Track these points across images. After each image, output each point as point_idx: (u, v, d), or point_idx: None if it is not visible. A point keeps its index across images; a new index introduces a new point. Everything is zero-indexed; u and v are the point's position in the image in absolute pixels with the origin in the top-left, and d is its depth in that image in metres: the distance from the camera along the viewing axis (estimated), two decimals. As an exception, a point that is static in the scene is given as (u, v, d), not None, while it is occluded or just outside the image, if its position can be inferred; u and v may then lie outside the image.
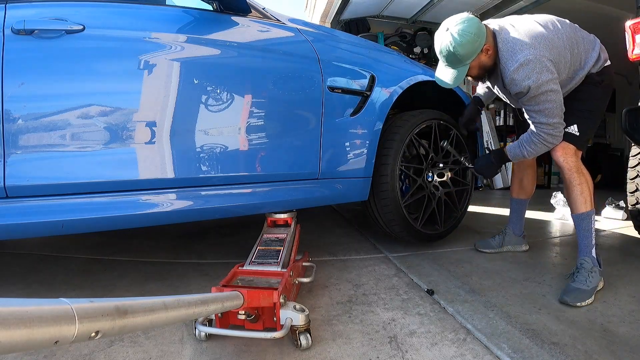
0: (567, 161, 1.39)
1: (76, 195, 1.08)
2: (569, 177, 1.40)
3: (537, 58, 1.25)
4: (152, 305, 0.55)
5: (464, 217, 1.97)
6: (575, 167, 1.39)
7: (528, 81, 1.26)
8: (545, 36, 1.29)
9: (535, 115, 1.34)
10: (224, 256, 1.73)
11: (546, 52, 1.26)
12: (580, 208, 1.38)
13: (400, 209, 1.64)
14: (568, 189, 1.41)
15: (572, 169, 1.39)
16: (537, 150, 1.41)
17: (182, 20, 1.27)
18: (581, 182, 1.38)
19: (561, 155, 1.39)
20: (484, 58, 1.35)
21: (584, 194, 1.37)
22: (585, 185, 1.38)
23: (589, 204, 1.37)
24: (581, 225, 1.38)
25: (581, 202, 1.37)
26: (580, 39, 1.37)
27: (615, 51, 1.63)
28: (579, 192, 1.37)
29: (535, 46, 1.26)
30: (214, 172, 1.24)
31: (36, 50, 1.03)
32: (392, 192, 1.62)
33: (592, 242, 1.36)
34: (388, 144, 1.65)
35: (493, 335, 1.03)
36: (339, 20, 4.58)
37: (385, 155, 1.64)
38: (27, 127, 1.02)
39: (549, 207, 2.92)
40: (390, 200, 1.63)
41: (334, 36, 1.70)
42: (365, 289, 1.34)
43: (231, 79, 1.28)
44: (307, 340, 0.95)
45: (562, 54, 1.30)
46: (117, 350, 0.94)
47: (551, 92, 1.27)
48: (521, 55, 1.26)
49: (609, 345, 1.00)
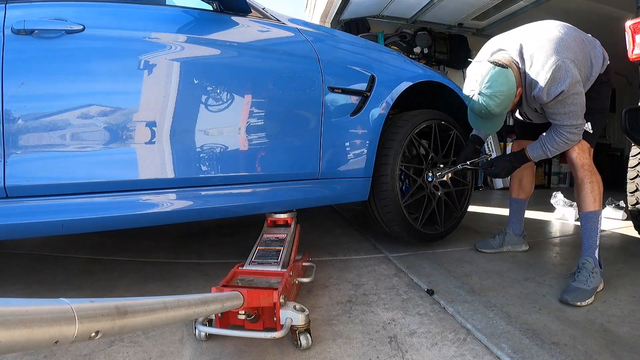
0: (581, 159, 1.40)
1: (76, 195, 1.08)
2: (582, 175, 1.40)
3: (563, 63, 1.23)
4: (152, 305, 0.55)
5: (463, 217, 1.97)
6: (588, 166, 1.40)
7: (562, 87, 1.24)
8: (561, 38, 1.29)
9: (561, 118, 1.33)
10: (224, 256, 1.73)
11: (567, 54, 1.26)
12: (589, 206, 1.38)
13: (400, 209, 1.64)
14: (579, 187, 1.41)
15: (586, 167, 1.40)
16: (558, 149, 1.41)
17: (182, 20, 1.26)
18: (592, 180, 1.39)
19: (577, 154, 1.41)
20: (515, 100, 1.35)
21: (594, 193, 1.38)
22: (596, 185, 1.39)
23: (597, 204, 1.38)
24: (588, 224, 1.38)
25: (591, 200, 1.38)
26: (585, 39, 1.39)
27: (615, 51, 1.63)
28: (590, 190, 1.38)
29: (558, 50, 1.25)
30: (214, 172, 1.24)
31: (36, 50, 1.03)
32: (392, 192, 1.62)
33: (596, 242, 1.37)
34: (388, 144, 1.65)
35: (493, 335, 1.03)
36: (339, 20, 4.57)
37: (385, 155, 1.64)
38: (27, 127, 1.02)
39: (549, 207, 2.91)
40: (391, 200, 1.63)
41: (334, 36, 1.70)
42: (365, 289, 1.34)
43: (231, 79, 1.28)
44: (307, 340, 0.95)
45: (577, 54, 1.30)
46: (117, 350, 0.94)
47: (577, 94, 1.28)
48: (548, 66, 1.24)
49: (609, 345, 1.00)
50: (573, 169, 1.44)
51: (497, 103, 1.27)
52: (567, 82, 1.24)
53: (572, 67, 1.25)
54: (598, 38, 1.44)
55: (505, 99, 1.28)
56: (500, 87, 1.26)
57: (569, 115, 1.31)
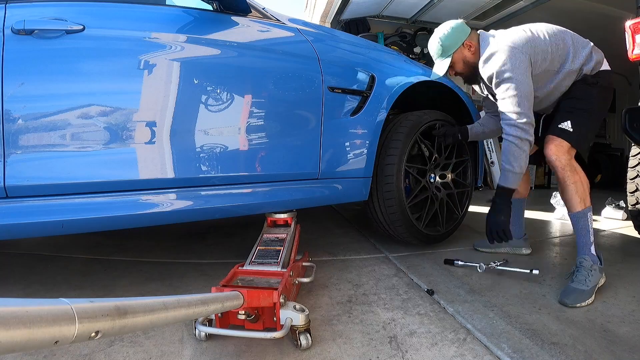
0: (559, 159, 1.37)
1: (76, 195, 1.08)
2: (562, 176, 1.38)
3: (506, 47, 1.34)
4: (152, 305, 0.55)
5: (464, 218, 1.97)
6: (568, 165, 1.37)
7: (494, 67, 1.36)
8: (519, 30, 1.39)
9: (501, 107, 1.39)
10: (224, 256, 1.73)
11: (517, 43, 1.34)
12: (576, 207, 1.37)
13: (404, 209, 1.63)
14: (562, 188, 1.40)
15: (565, 167, 1.37)
16: (518, 156, 1.36)
17: (182, 20, 1.26)
18: (575, 180, 1.37)
19: (554, 153, 1.38)
20: (467, 53, 1.50)
21: (579, 192, 1.36)
22: (579, 184, 1.37)
23: (584, 202, 1.36)
24: (579, 225, 1.37)
25: (576, 201, 1.36)
26: (568, 36, 1.42)
27: (615, 51, 1.63)
28: (574, 190, 1.36)
29: (506, 38, 1.37)
30: (214, 172, 1.24)
31: (36, 50, 1.03)
32: (397, 192, 1.62)
33: (591, 239, 1.36)
34: (393, 144, 1.65)
35: (493, 335, 1.03)
36: (339, 20, 4.57)
37: (391, 155, 1.64)
38: (27, 127, 1.02)
39: (549, 207, 2.91)
40: (395, 201, 1.63)
41: (334, 36, 1.70)
42: (365, 289, 1.34)
43: (231, 79, 1.27)
44: (307, 340, 0.95)
45: (539, 46, 1.36)
46: (117, 350, 0.94)
47: (512, 81, 1.33)
48: (491, 48, 1.39)
49: (609, 345, 1.00)
50: (554, 170, 1.42)
51: (444, 34, 1.49)
52: (500, 64, 1.34)
53: (516, 54, 1.32)
54: (598, 38, 1.44)
55: (452, 35, 1.48)
56: (452, 24, 1.50)
57: (506, 103, 1.36)
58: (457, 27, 1.49)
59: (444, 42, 1.49)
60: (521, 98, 1.33)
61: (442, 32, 1.50)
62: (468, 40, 1.48)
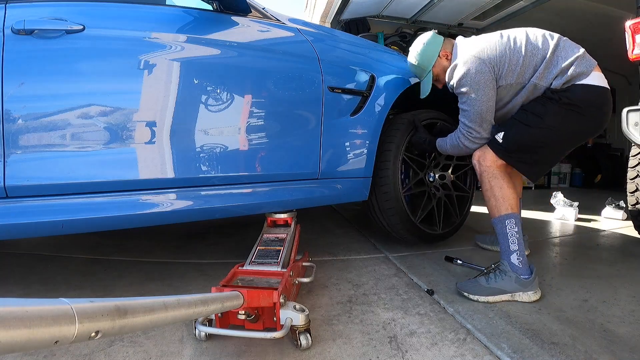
0: (480, 163, 1.37)
1: (76, 195, 1.08)
2: (481, 180, 1.38)
3: (468, 59, 1.31)
4: (152, 305, 0.55)
5: (463, 223, 1.96)
6: (486, 171, 1.35)
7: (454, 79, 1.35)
8: (491, 38, 1.35)
9: (460, 116, 1.41)
10: (224, 256, 1.73)
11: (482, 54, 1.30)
12: (493, 213, 1.35)
13: (399, 197, 1.64)
14: (483, 194, 1.39)
15: (483, 173, 1.36)
16: (455, 149, 1.48)
17: (182, 20, 1.26)
18: (492, 186, 1.33)
19: (476, 157, 1.40)
20: (445, 63, 1.47)
21: (495, 198, 1.32)
22: (497, 189, 1.32)
23: (502, 209, 1.31)
24: (497, 230, 1.34)
25: (493, 206, 1.34)
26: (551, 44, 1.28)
27: (615, 51, 1.63)
28: (490, 196, 1.34)
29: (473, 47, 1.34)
30: (214, 172, 1.24)
31: (36, 50, 1.03)
32: (393, 178, 1.64)
33: (511, 247, 1.28)
34: (389, 142, 1.66)
35: (493, 335, 1.03)
36: (339, 20, 4.57)
37: (387, 150, 1.65)
38: (27, 127, 1.02)
39: (549, 207, 2.92)
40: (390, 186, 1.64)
41: (334, 36, 1.70)
42: (365, 289, 1.34)
43: (231, 79, 1.28)
44: (307, 340, 0.95)
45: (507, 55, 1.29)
46: (117, 350, 0.94)
47: (471, 96, 1.32)
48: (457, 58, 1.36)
49: (609, 345, 1.00)
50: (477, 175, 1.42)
51: (418, 52, 1.49)
52: (460, 77, 1.33)
53: (477, 65, 1.29)
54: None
55: (425, 50, 1.48)
56: (422, 39, 1.50)
57: (462, 113, 1.39)
58: (429, 41, 1.48)
59: (420, 60, 1.49)
60: (475, 115, 1.35)
61: (416, 50, 1.50)
62: (443, 50, 1.47)
